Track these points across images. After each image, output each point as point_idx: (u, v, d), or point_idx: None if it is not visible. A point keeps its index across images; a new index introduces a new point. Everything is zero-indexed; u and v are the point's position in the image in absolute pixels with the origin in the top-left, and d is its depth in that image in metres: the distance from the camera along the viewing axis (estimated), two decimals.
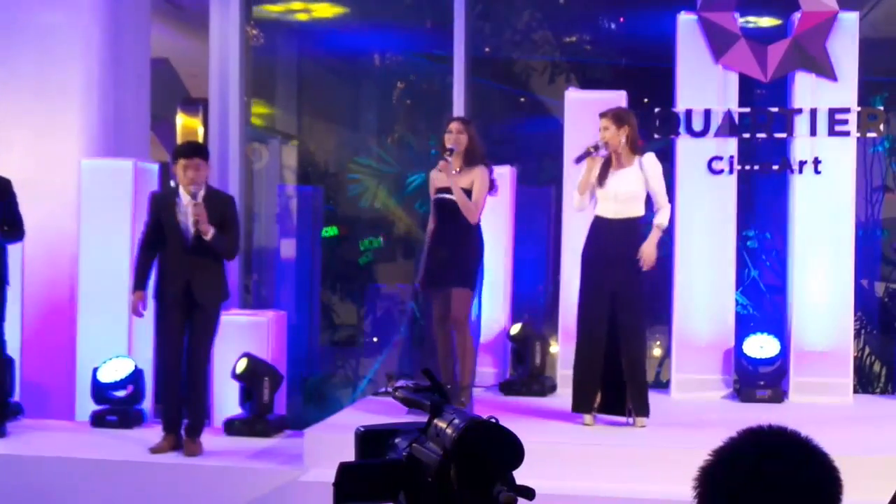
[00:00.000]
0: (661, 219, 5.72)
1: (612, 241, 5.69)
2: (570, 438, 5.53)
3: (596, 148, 5.71)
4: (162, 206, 5.80)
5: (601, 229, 5.75)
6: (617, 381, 5.68)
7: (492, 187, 6.00)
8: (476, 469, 1.47)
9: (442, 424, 1.53)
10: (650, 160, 5.72)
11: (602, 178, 5.74)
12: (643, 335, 5.78)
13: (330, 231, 8.81)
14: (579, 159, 5.77)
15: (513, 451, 1.49)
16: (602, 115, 5.75)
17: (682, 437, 5.55)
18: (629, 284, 5.67)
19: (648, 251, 5.64)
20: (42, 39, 7.08)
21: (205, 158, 5.82)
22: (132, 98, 7.45)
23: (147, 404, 6.56)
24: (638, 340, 5.70)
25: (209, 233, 5.65)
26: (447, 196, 5.95)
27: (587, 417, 5.76)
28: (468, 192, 5.89)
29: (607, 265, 5.67)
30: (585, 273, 5.79)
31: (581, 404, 5.76)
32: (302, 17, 8.61)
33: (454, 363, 5.93)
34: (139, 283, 5.83)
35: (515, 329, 7.03)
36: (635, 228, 5.75)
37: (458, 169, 5.94)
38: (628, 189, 5.69)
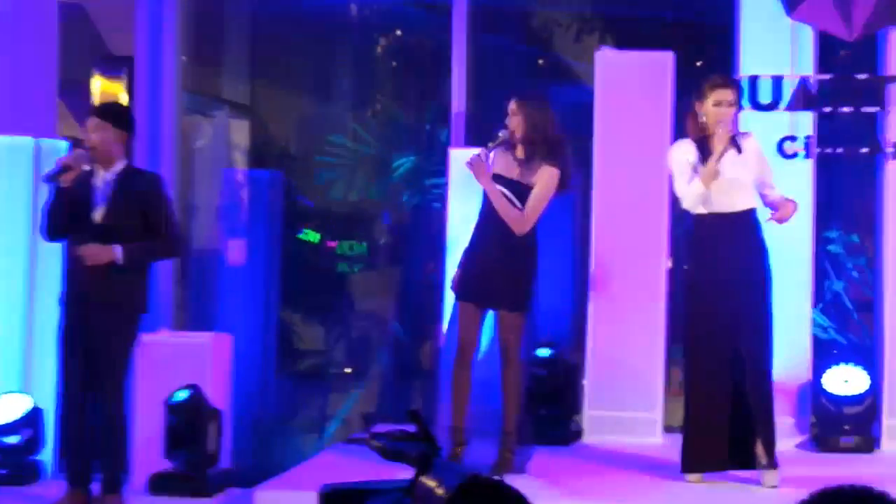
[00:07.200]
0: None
1: (730, 242, 5.71)
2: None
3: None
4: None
5: (714, 229, 5.74)
6: (741, 428, 5.67)
7: (565, 185, 5.86)
8: None
9: (430, 483, 1.63)
10: (756, 144, 5.85)
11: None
12: (771, 365, 5.73)
13: (310, 235, 8.83)
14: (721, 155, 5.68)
15: None
16: (725, 86, 5.77)
17: (746, 498, 5.62)
18: (755, 301, 5.68)
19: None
20: None
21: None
22: (33, 57, 7.40)
23: (48, 454, 6.49)
24: (766, 372, 5.69)
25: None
26: (498, 188, 5.78)
27: (692, 476, 5.72)
28: (529, 191, 5.75)
29: (726, 277, 5.69)
30: (697, 291, 5.79)
31: (696, 463, 5.70)
32: None
33: (468, 404, 5.86)
34: None
35: (544, 353, 6.92)
36: (755, 224, 5.75)
37: (521, 157, 5.81)
38: (742, 175, 5.72)
